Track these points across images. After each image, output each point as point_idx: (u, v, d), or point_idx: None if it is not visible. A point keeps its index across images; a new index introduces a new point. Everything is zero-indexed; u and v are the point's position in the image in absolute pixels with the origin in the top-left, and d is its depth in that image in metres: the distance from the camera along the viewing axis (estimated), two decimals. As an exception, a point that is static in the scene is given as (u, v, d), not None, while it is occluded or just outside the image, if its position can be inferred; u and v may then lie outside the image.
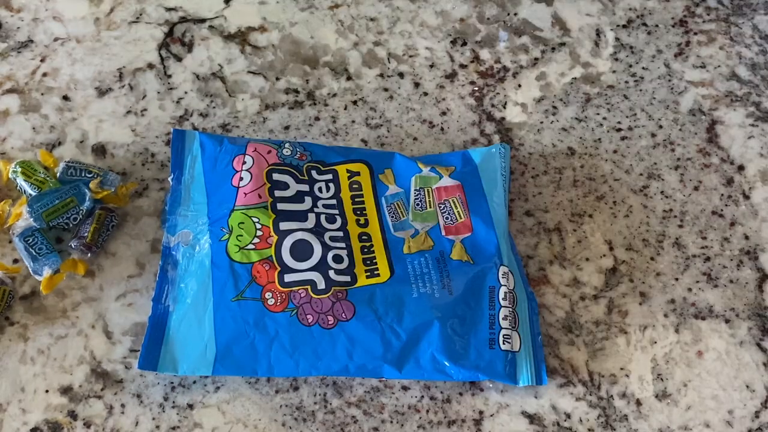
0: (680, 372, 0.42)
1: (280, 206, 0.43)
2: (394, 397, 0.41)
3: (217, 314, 0.41)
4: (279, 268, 0.41)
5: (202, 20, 0.52)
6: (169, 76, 0.50)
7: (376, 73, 0.51)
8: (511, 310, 0.41)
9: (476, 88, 0.50)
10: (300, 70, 0.50)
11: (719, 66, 0.51)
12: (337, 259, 0.42)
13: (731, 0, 0.54)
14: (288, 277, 0.41)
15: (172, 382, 0.41)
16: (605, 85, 0.51)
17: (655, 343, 0.43)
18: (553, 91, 0.51)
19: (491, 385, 0.42)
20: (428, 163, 0.46)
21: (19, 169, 0.44)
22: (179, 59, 0.50)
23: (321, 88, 0.50)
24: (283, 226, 0.42)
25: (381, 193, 0.45)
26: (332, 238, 0.42)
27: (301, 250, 0.42)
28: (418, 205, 0.44)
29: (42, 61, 0.50)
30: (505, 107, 0.50)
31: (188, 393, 0.41)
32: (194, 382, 0.41)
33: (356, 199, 0.44)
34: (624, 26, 0.53)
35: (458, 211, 0.44)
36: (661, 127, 0.50)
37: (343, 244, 0.42)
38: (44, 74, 0.49)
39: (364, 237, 0.43)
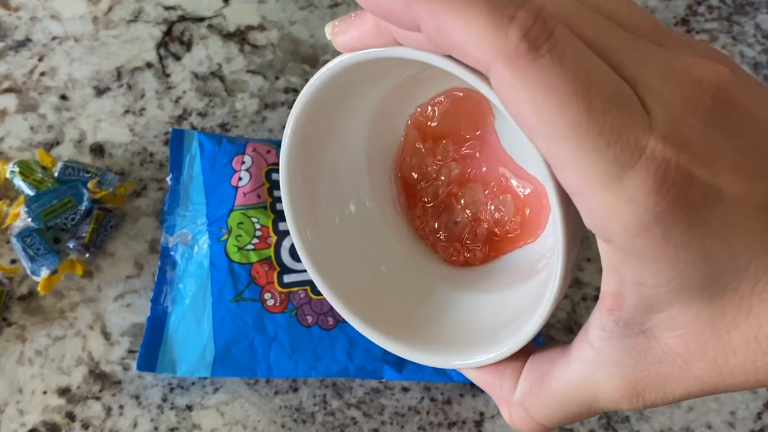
0: (682, 373, 0.42)
1: (280, 206, 0.43)
2: (394, 399, 0.41)
3: (216, 315, 0.40)
4: (278, 269, 0.41)
5: (201, 19, 0.51)
6: (168, 76, 0.49)
7: (376, 72, 0.51)
8: (511, 310, 0.41)
9: (477, 88, 0.50)
10: (299, 69, 0.50)
11: (721, 65, 0.51)
12: (337, 259, 0.42)
13: (733, -2, 0.53)
14: (287, 278, 0.41)
15: (170, 384, 0.41)
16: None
17: (657, 343, 0.43)
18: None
19: (492, 387, 0.41)
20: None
21: (17, 169, 0.44)
22: (178, 58, 0.50)
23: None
24: (283, 226, 0.42)
25: (381, 193, 0.44)
26: (332, 239, 0.42)
27: (300, 251, 0.41)
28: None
29: (40, 60, 0.49)
30: (505, 106, 0.50)
31: (187, 394, 0.41)
32: (193, 383, 0.41)
33: (356, 199, 0.44)
34: (625, 25, 0.53)
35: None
36: (662, 126, 0.49)
37: (342, 245, 0.42)
38: (42, 73, 0.49)
39: (363, 237, 0.43)
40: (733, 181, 0.20)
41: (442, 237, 0.33)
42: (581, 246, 0.26)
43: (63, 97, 0.48)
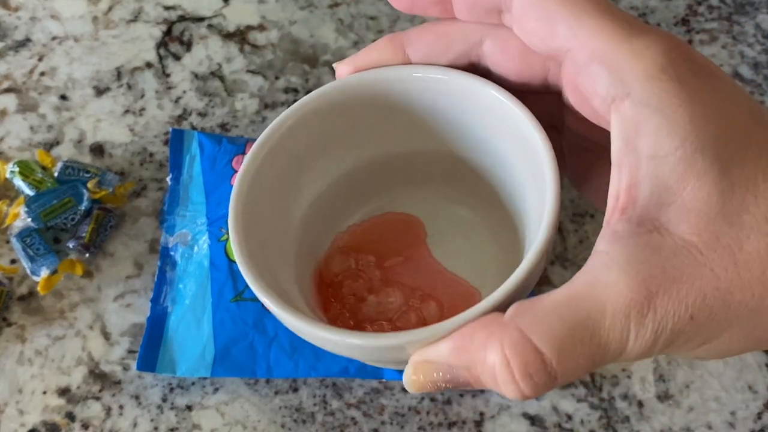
0: (682, 373, 0.42)
1: (280, 206, 0.43)
2: (394, 399, 0.41)
3: (215, 315, 0.40)
4: (278, 269, 0.41)
5: (201, 19, 0.51)
6: (168, 75, 0.49)
7: (376, 72, 0.51)
8: (511, 310, 0.41)
9: (477, 87, 0.50)
10: (299, 69, 0.50)
11: (722, 65, 0.51)
12: (337, 259, 0.41)
13: (733, -2, 0.53)
14: (287, 278, 0.41)
15: (170, 384, 0.41)
16: (606, 84, 0.51)
17: (657, 344, 0.43)
18: (554, 90, 0.50)
19: (492, 387, 0.41)
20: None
21: (17, 169, 0.44)
22: (178, 58, 0.50)
23: (321, 87, 0.50)
24: (283, 226, 0.42)
25: (381, 193, 0.44)
26: (332, 239, 0.42)
27: (300, 251, 0.41)
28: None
29: (40, 60, 0.49)
30: (505, 106, 0.50)
31: (187, 394, 0.41)
32: (193, 383, 0.41)
33: (356, 199, 0.44)
34: (625, 25, 0.53)
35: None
36: (662, 126, 0.49)
37: (342, 245, 0.42)
38: (42, 73, 0.49)
39: (363, 237, 0.43)
40: (722, 74, 0.24)
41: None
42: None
43: (63, 97, 0.48)
